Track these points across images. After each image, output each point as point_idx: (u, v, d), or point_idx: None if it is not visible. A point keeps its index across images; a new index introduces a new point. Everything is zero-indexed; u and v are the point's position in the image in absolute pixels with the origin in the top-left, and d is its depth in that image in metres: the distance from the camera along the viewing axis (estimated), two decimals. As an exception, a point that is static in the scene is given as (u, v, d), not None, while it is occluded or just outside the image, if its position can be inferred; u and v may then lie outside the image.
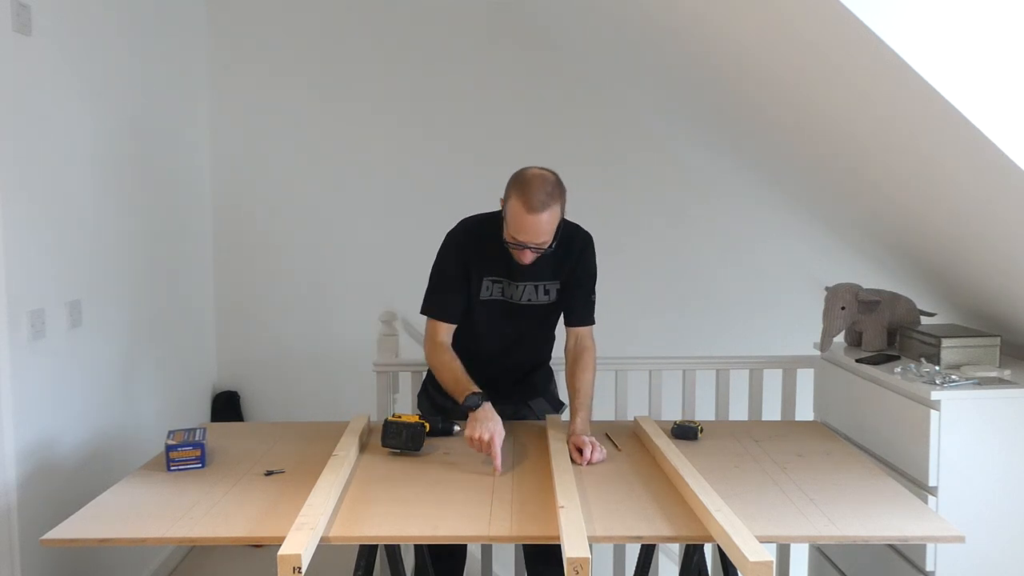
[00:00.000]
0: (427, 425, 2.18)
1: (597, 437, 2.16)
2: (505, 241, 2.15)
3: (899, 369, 2.26)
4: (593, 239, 2.36)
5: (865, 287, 2.54)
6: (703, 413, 2.92)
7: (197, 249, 3.79)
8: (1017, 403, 2.08)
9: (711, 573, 2.55)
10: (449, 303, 2.28)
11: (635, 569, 2.37)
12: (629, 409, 2.87)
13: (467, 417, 2.20)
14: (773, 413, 2.97)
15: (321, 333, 3.99)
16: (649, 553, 2.33)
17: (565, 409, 2.52)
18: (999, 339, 2.30)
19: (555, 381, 2.59)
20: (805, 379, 2.89)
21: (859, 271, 3.34)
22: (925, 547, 2.06)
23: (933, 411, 2.07)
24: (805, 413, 2.87)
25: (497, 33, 3.91)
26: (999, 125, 1.59)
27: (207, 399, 3.89)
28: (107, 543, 1.71)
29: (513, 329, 2.36)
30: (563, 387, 2.48)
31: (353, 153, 3.94)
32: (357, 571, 1.90)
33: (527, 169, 2.14)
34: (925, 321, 2.59)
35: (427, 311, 2.31)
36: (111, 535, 1.70)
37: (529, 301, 2.30)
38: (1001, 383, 2.13)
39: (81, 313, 2.66)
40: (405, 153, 3.94)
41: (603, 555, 2.95)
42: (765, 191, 3.79)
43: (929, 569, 2.07)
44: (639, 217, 4.03)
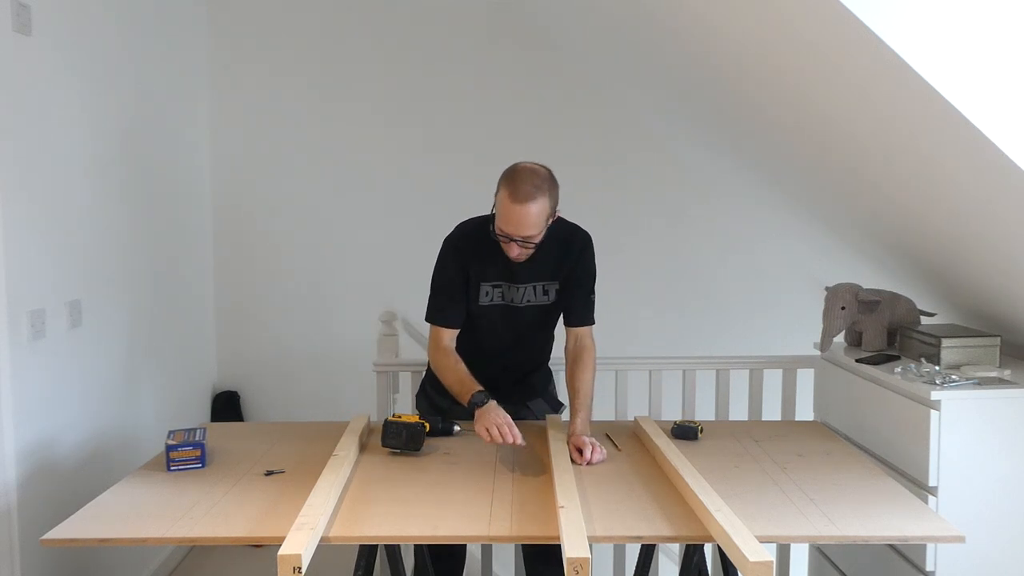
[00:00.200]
0: (427, 425, 2.18)
1: (597, 437, 2.16)
2: (494, 233, 2.15)
3: (899, 369, 2.26)
4: (592, 239, 2.35)
5: (865, 287, 2.54)
6: (703, 413, 2.91)
7: (197, 249, 3.79)
8: (1017, 403, 2.08)
9: (711, 573, 2.54)
10: (451, 309, 2.29)
11: (635, 569, 2.37)
12: (629, 409, 2.87)
13: (468, 417, 2.23)
14: (773, 413, 2.97)
15: (321, 333, 3.99)
16: (649, 553, 2.33)
17: (564, 410, 2.52)
18: (999, 339, 2.30)
19: (554, 382, 2.59)
20: (805, 379, 2.89)
21: (859, 271, 3.34)
22: (925, 547, 2.06)
23: (933, 411, 2.07)
24: (805, 413, 2.87)
25: (497, 33, 3.91)
26: (999, 125, 1.59)
27: (207, 399, 3.89)
28: (107, 543, 1.71)
29: (512, 331, 2.36)
30: (563, 387, 2.49)
31: (353, 153, 3.94)
32: (357, 571, 1.90)
33: (520, 162, 2.15)
34: (925, 321, 2.59)
35: (430, 318, 2.32)
36: (111, 535, 1.70)
37: (529, 302, 2.30)
38: (1001, 383, 2.13)
39: (81, 313, 2.65)
40: (405, 153, 3.94)
41: (603, 555, 2.95)
42: (765, 191, 3.79)
43: (929, 569, 2.07)
44: (639, 217, 4.03)
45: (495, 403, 2.14)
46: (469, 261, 2.26)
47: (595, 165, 3.98)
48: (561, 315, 2.39)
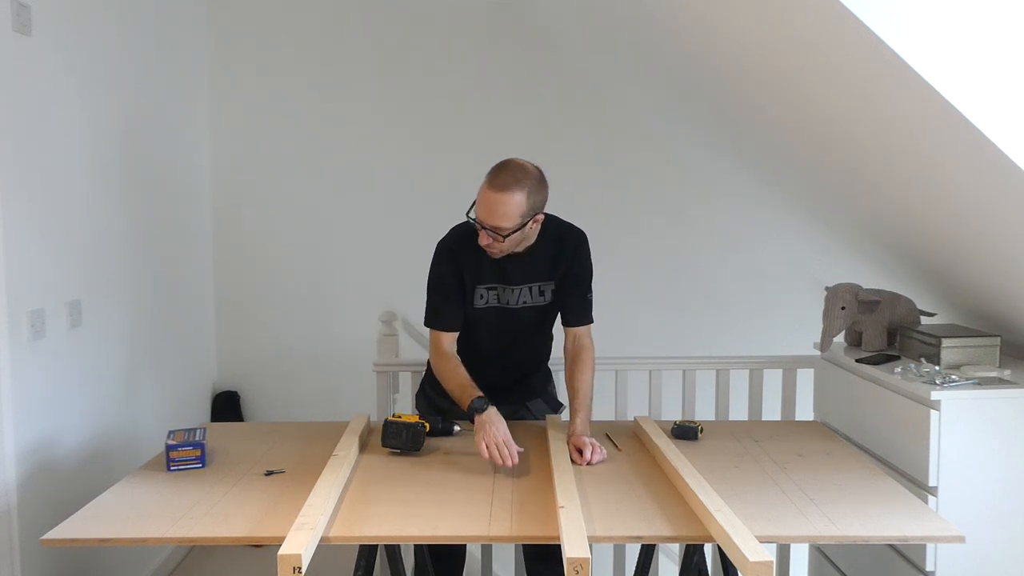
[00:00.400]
0: (427, 425, 2.18)
1: (597, 437, 2.16)
2: (470, 216, 2.15)
3: (899, 369, 2.26)
4: (587, 237, 2.34)
5: (865, 287, 2.54)
6: (703, 413, 2.91)
7: (197, 249, 3.79)
8: (1017, 403, 2.08)
9: (711, 573, 2.55)
10: (447, 312, 2.29)
11: (635, 569, 2.37)
12: (629, 409, 2.87)
13: (467, 417, 2.22)
14: (773, 413, 2.97)
15: (321, 333, 3.99)
16: (649, 553, 2.33)
17: (564, 410, 2.52)
18: (999, 339, 2.30)
19: (554, 382, 2.58)
20: (805, 379, 2.89)
21: (859, 271, 3.34)
22: (925, 547, 2.06)
23: (933, 411, 2.07)
24: (805, 413, 2.87)
25: (497, 33, 3.91)
26: (999, 125, 1.59)
27: (207, 399, 3.89)
28: (107, 543, 1.71)
29: (510, 332, 2.35)
30: (562, 388, 2.49)
31: (353, 153, 3.94)
32: (357, 571, 1.90)
33: (515, 158, 2.16)
34: (925, 321, 2.59)
35: (428, 323, 2.32)
36: (111, 535, 1.70)
37: (525, 304, 2.30)
38: (1001, 383, 2.13)
39: (81, 313, 2.65)
40: (405, 153, 3.94)
41: (603, 555, 2.95)
42: (765, 191, 3.79)
43: (929, 569, 2.07)
44: (639, 217, 4.03)
45: (495, 410, 2.12)
46: (463, 264, 2.25)
47: (595, 165, 3.98)
48: (559, 315, 2.38)
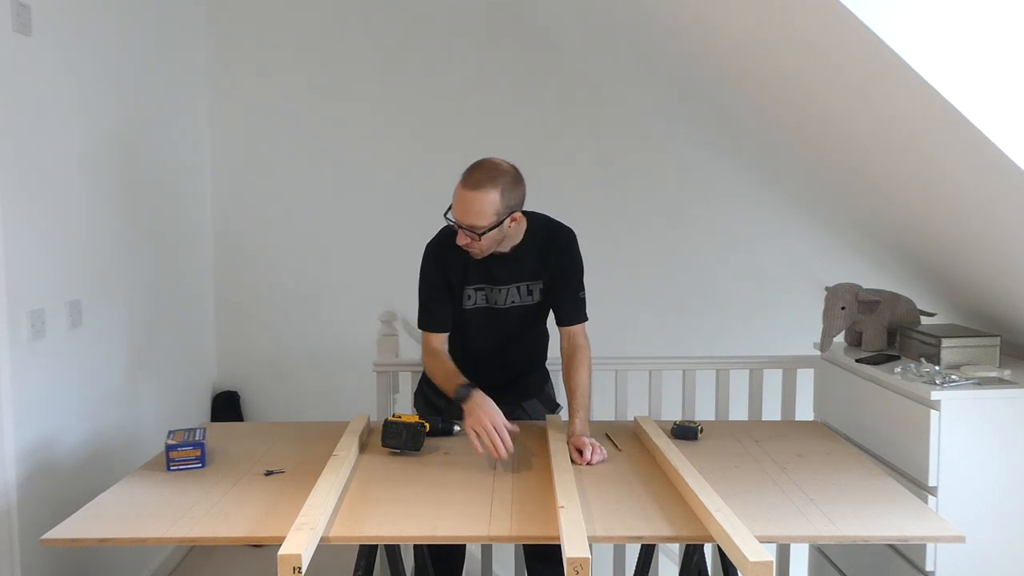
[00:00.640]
0: (427, 425, 2.18)
1: (597, 437, 2.16)
2: (447, 216, 2.16)
3: (899, 369, 2.26)
4: (576, 235, 2.32)
5: (865, 287, 2.54)
6: (703, 413, 2.91)
7: (197, 249, 3.79)
8: (1017, 403, 2.08)
9: (711, 573, 2.54)
10: (436, 312, 2.30)
11: (635, 569, 2.37)
12: (629, 409, 2.87)
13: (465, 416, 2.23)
14: (773, 413, 2.97)
15: (321, 333, 3.99)
16: (649, 553, 2.33)
17: (560, 411, 2.52)
18: (999, 339, 2.30)
19: (551, 382, 2.58)
20: (805, 379, 2.89)
21: (859, 271, 3.34)
22: (925, 547, 2.06)
23: (933, 411, 2.07)
24: (805, 413, 2.87)
25: (497, 33, 3.91)
26: (999, 125, 1.59)
27: (207, 399, 3.89)
28: (107, 543, 1.71)
29: (502, 333, 2.34)
30: (560, 388, 2.49)
31: (353, 153, 3.94)
32: (357, 571, 1.90)
33: (491, 157, 2.17)
34: (925, 321, 2.59)
35: (420, 324, 2.33)
36: (111, 535, 1.70)
37: (513, 303, 2.29)
38: (1001, 383, 2.13)
39: (81, 313, 2.65)
40: (405, 153, 3.94)
41: (603, 555, 2.95)
42: (765, 191, 3.79)
43: (929, 569, 2.07)
44: (639, 217, 4.03)
45: (481, 393, 2.13)
46: (450, 265, 2.25)
47: (595, 165, 3.98)
48: (557, 314, 2.37)
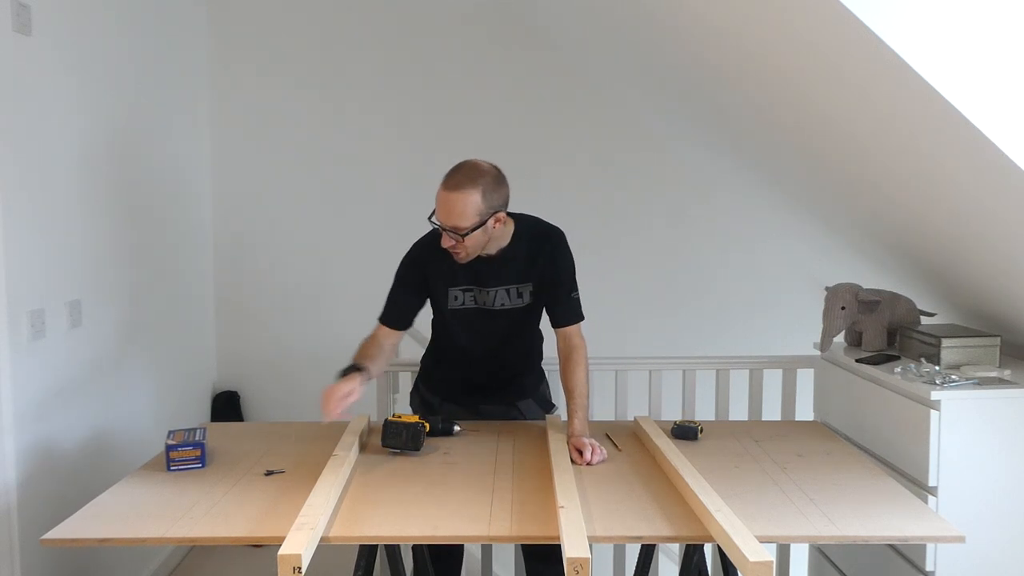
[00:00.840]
0: (427, 425, 2.18)
1: (597, 437, 2.16)
2: (431, 219, 2.16)
3: (899, 369, 2.26)
4: (565, 236, 2.30)
5: (865, 287, 2.54)
6: (703, 413, 2.91)
7: (197, 249, 3.79)
8: (1017, 403, 2.08)
9: (711, 573, 2.55)
10: (394, 310, 2.29)
11: (635, 569, 2.37)
12: (629, 409, 2.87)
13: (462, 416, 2.33)
14: (773, 413, 2.97)
15: (321, 333, 3.99)
16: (649, 553, 2.33)
17: (555, 411, 2.52)
18: (999, 339, 2.30)
19: (547, 382, 2.56)
20: (805, 379, 2.89)
21: (859, 271, 3.34)
22: (925, 547, 2.06)
23: (933, 411, 2.07)
24: (805, 413, 2.87)
25: (497, 33, 3.91)
26: (999, 125, 1.59)
27: (207, 399, 3.89)
28: (107, 543, 1.71)
29: (492, 334, 2.32)
30: (556, 388, 2.50)
31: (353, 153, 3.94)
32: (357, 571, 1.90)
33: (472, 159, 2.15)
34: (925, 321, 2.59)
35: (380, 316, 2.32)
36: (111, 535, 1.70)
37: (503, 306, 2.27)
38: (1001, 383, 2.13)
39: (81, 313, 2.65)
40: (405, 152, 3.94)
41: (603, 555, 2.95)
42: (765, 191, 3.79)
43: (929, 569, 2.07)
44: (639, 217, 4.03)
45: (348, 379, 2.10)
46: (434, 266, 2.22)
47: (595, 165, 3.98)
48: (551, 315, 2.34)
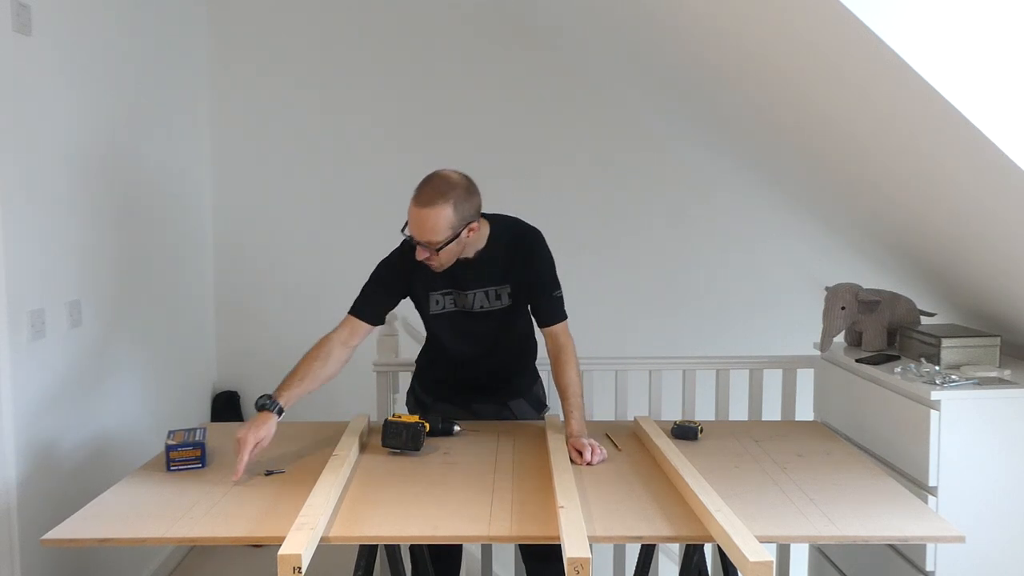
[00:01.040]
0: (427, 425, 2.18)
1: (597, 437, 2.16)
2: (404, 232, 2.16)
3: (899, 369, 2.26)
4: (542, 234, 2.29)
5: (865, 287, 2.54)
6: (703, 413, 2.91)
7: (197, 248, 3.79)
8: (1017, 403, 2.08)
9: (711, 573, 2.54)
10: (363, 307, 2.29)
11: (635, 569, 2.37)
12: (629, 409, 2.87)
13: (458, 416, 2.33)
14: (773, 413, 2.97)
15: (321, 333, 3.94)
16: (649, 553, 2.33)
17: (547, 411, 2.52)
18: (999, 339, 2.30)
19: (541, 383, 2.55)
20: (805, 379, 2.89)
21: (859, 271, 3.34)
22: (925, 547, 2.06)
23: (933, 411, 2.07)
24: (805, 413, 2.87)
25: (497, 33, 3.91)
26: (999, 125, 1.59)
27: (207, 399, 3.89)
28: (107, 543, 1.71)
29: (478, 337, 2.32)
30: (550, 388, 2.49)
31: (353, 152, 3.94)
32: (357, 571, 1.90)
33: (441, 169, 2.16)
34: (925, 321, 2.59)
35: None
36: (111, 535, 1.70)
37: (482, 307, 2.26)
38: (1001, 383, 2.13)
39: (81, 313, 2.65)
40: (405, 152, 3.93)
41: (603, 555, 2.95)
42: (765, 191, 3.79)
43: (929, 569, 2.07)
44: (639, 217, 4.03)
45: (264, 414, 2.06)
46: (413, 270, 2.21)
47: (595, 165, 3.98)
48: (535, 316, 2.34)
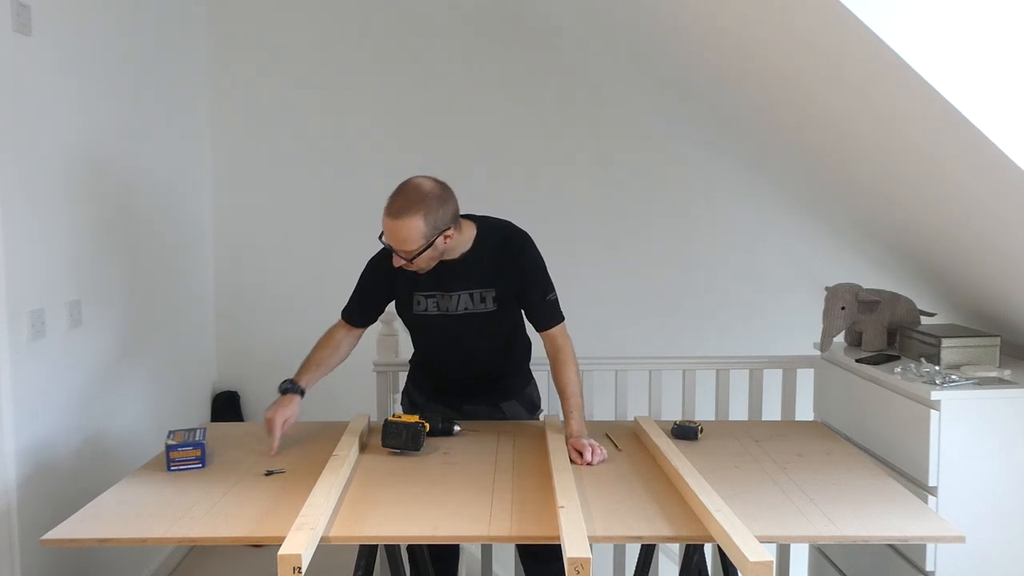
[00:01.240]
0: (427, 425, 2.18)
1: (597, 437, 2.16)
2: (381, 239, 2.17)
3: (899, 369, 2.26)
4: (530, 238, 2.27)
5: (865, 287, 2.54)
6: (703, 413, 2.91)
7: (197, 248, 3.79)
8: (1017, 403, 2.08)
9: (711, 573, 2.55)
10: (355, 308, 2.39)
11: (635, 569, 2.37)
12: (629, 409, 2.87)
13: (455, 416, 2.33)
14: (773, 413, 2.97)
15: (321, 333, 3.98)
16: (649, 553, 2.33)
17: (540, 413, 2.52)
18: (999, 339, 2.30)
19: (535, 384, 2.54)
20: (805, 379, 2.89)
21: (859, 271, 3.33)
22: (925, 547, 2.06)
23: (933, 411, 2.07)
24: (805, 413, 2.87)
25: (497, 33, 3.91)
26: (999, 125, 1.59)
27: (207, 399, 3.89)
28: (107, 543, 1.71)
29: (463, 339, 2.30)
30: (544, 389, 2.53)
31: (353, 153, 3.94)
32: (357, 571, 1.90)
33: (414, 177, 2.16)
34: (925, 321, 2.59)
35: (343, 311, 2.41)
36: (111, 535, 1.70)
37: (466, 310, 2.24)
38: (1001, 383, 2.13)
39: (81, 313, 2.65)
40: (405, 153, 3.94)
41: (603, 555, 2.95)
42: (765, 191, 3.79)
43: (929, 569, 2.07)
44: (639, 217, 4.03)
45: (289, 396, 2.24)
46: (397, 271, 2.19)
47: (595, 165, 3.98)
48: (531, 321, 2.34)
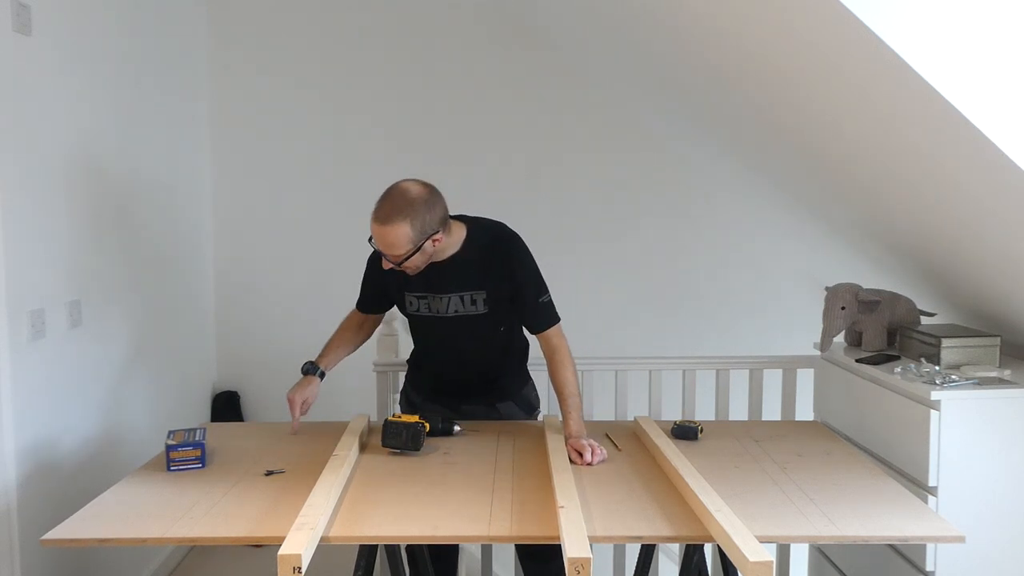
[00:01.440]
0: (427, 425, 2.18)
1: (597, 437, 2.16)
2: (371, 241, 2.18)
3: (899, 369, 2.26)
4: (520, 240, 2.26)
5: (865, 287, 2.54)
6: (703, 413, 2.91)
7: (197, 248, 3.79)
8: (1017, 403, 2.08)
9: (711, 573, 2.55)
10: (365, 299, 2.51)
11: (635, 569, 2.37)
12: (629, 409, 2.87)
13: (453, 417, 2.34)
14: (773, 413, 2.97)
15: (321, 333, 3.95)
16: (649, 553, 2.33)
17: (537, 414, 2.52)
18: (999, 339, 2.30)
19: (532, 384, 2.54)
20: (805, 379, 2.89)
21: (859, 271, 3.33)
22: (925, 547, 2.06)
23: (933, 411, 2.07)
24: (805, 413, 2.87)
25: (497, 33, 3.91)
26: (999, 125, 1.59)
27: (207, 399, 3.89)
28: (107, 543, 1.71)
29: (454, 340, 2.31)
30: (542, 390, 2.53)
31: (353, 153, 3.94)
32: (357, 571, 1.90)
33: (402, 181, 2.16)
34: (925, 321, 2.59)
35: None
36: (111, 535, 1.70)
37: (457, 312, 2.24)
38: (1001, 383, 2.13)
39: (81, 313, 2.65)
40: (405, 153, 3.93)
41: (603, 555, 2.95)
42: (765, 191, 3.79)
43: (929, 569, 2.07)
44: (639, 217, 4.03)
45: (309, 378, 2.42)
46: (389, 270, 2.19)
47: (596, 165, 3.98)
48: (524, 323, 2.34)
